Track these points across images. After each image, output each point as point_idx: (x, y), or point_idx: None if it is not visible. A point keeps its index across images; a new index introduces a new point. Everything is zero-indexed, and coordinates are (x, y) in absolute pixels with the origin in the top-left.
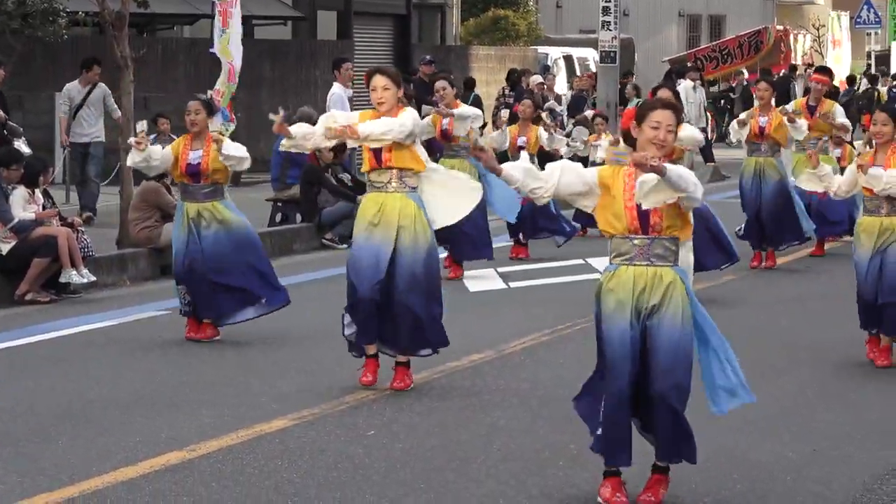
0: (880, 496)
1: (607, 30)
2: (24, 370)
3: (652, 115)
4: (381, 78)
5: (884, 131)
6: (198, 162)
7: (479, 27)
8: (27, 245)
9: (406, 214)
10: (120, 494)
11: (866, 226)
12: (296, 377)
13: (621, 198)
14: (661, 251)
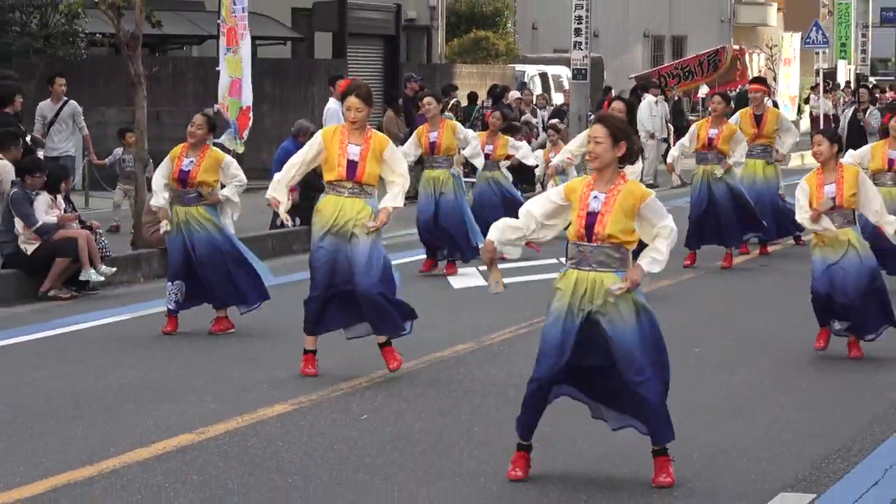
0: (827, 474)
1: (579, 49)
2: (47, 360)
3: (589, 130)
4: (354, 100)
5: (822, 150)
6: (189, 169)
7: (462, 47)
8: (50, 246)
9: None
10: (135, 473)
11: (819, 238)
12: (294, 366)
13: (577, 207)
14: (604, 258)
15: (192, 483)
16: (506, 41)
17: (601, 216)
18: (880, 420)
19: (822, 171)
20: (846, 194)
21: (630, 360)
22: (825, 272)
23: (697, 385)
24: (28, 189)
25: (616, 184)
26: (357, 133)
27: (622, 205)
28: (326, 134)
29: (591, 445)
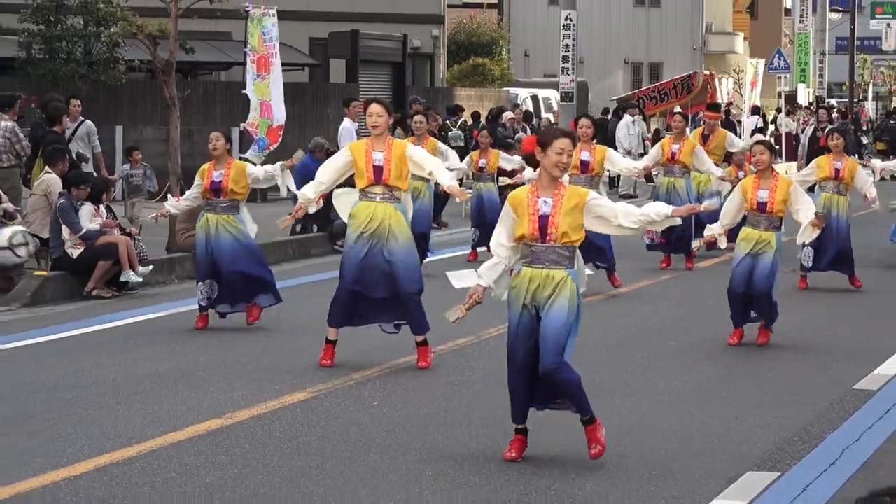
0: (790, 454)
1: (566, 74)
2: (91, 352)
3: (556, 142)
4: (376, 106)
5: (763, 159)
6: (219, 180)
7: (462, 72)
8: (93, 250)
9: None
10: (170, 454)
11: (746, 235)
12: (311, 358)
13: (526, 211)
14: (555, 257)
15: (221, 462)
16: (501, 67)
17: (552, 217)
18: (837, 406)
19: (760, 177)
20: (777, 200)
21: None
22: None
23: (673, 375)
24: (74, 200)
25: (559, 188)
26: (380, 141)
27: (568, 205)
28: (353, 147)
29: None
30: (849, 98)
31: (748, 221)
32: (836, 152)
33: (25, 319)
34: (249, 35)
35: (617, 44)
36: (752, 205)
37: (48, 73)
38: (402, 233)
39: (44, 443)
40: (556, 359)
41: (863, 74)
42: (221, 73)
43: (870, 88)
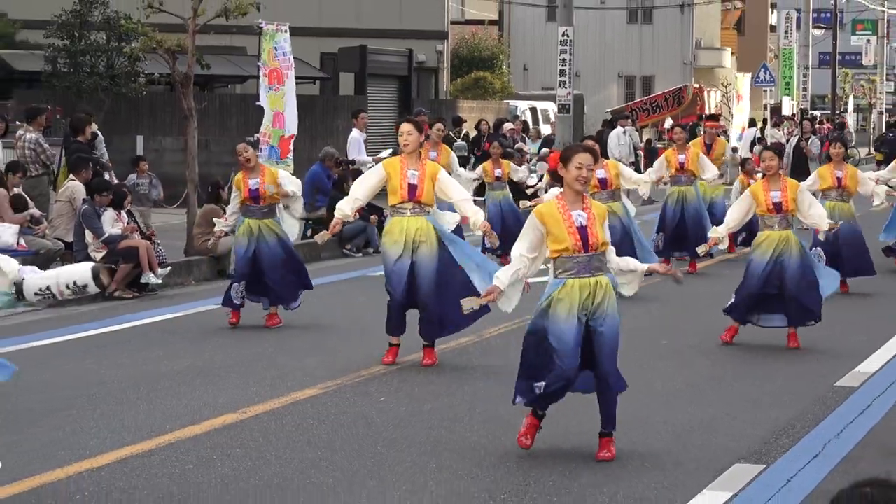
0: (775, 447)
1: (563, 87)
2: (112, 350)
3: (576, 157)
4: (406, 125)
5: (771, 165)
6: (256, 188)
7: (464, 85)
8: (115, 253)
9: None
10: (188, 447)
11: (766, 238)
12: (321, 356)
13: (563, 224)
14: (598, 264)
15: (236, 455)
16: (501, 80)
17: (590, 228)
18: (820, 402)
19: (769, 181)
20: (789, 199)
21: (612, 353)
22: (768, 272)
23: (664, 372)
24: (97, 206)
25: (585, 200)
26: (412, 159)
27: (598, 215)
28: (388, 164)
29: (577, 423)
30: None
31: (764, 225)
32: (836, 161)
33: (50, 319)
34: (262, 50)
35: (611, 58)
36: (768, 206)
37: (73, 85)
38: (431, 246)
39: (68, 436)
40: (614, 366)
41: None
42: (236, 86)
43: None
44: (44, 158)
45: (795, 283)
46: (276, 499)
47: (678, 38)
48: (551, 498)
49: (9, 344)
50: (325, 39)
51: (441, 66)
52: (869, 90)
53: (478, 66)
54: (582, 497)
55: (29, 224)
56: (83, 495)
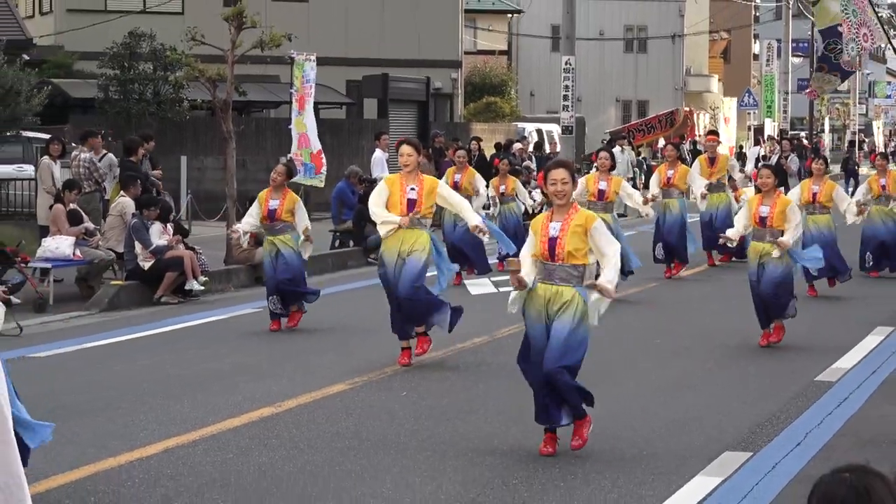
0: (761, 437)
1: (566, 110)
2: (160, 350)
3: (550, 174)
4: (406, 147)
5: (767, 182)
6: (275, 208)
7: (477, 109)
8: (162, 263)
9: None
10: (228, 438)
11: (752, 248)
12: (348, 355)
13: (539, 234)
14: (564, 275)
15: (272, 444)
16: (510, 105)
17: (559, 239)
18: (801, 395)
19: (763, 196)
20: (775, 214)
21: (559, 355)
22: (755, 277)
23: (657, 368)
24: (145, 219)
25: (570, 213)
26: (412, 177)
27: (574, 226)
28: (389, 181)
29: None
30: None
31: (753, 236)
32: (816, 176)
33: (103, 322)
34: (294, 78)
35: (609, 84)
36: (755, 219)
37: (123, 111)
38: (419, 249)
39: (120, 428)
40: (558, 363)
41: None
42: (271, 111)
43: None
44: (96, 176)
45: (766, 284)
46: (308, 484)
47: (670, 65)
48: (558, 483)
49: (67, 345)
50: (351, 68)
51: (455, 92)
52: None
53: (489, 92)
54: (586, 481)
55: (84, 236)
56: (133, 482)
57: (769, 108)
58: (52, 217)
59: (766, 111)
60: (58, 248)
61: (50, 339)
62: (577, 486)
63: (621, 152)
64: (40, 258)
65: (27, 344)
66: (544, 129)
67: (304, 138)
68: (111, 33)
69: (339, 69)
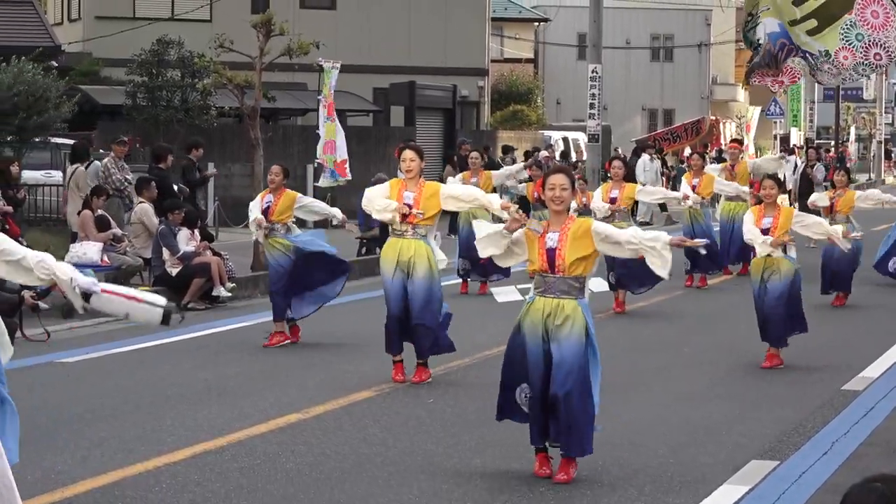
0: (788, 445)
1: (592, 119)
2: (187, 355)
3: (549, 179)
4: (409, 152)
5: (771, 193)
6: (267, 206)
7: (503, 117)
8: (189, 269)
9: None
10: (256, 444)
11: (755, 263)
12: (375, 361)
13: (536, 245)
14: (566, 287)
15: (299, 451)
16: (536, 113)
17: (559, 250)
18: (828, 404)
19: (765, 207)
20: (779, 227)
21: (567, 375)
22: (759, 292)
23: (686, 376)
24: (172, 225)
25: (566, 223)
26: (412, 182)
27: (574, 236)
28: (391, 184)
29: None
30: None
31: (756, 251)
32: (839, 187)
33: (131, 328)
34: (323, 85)
35: (636, 93)
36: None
37: (151, 118)
38: (423, 266)
39: (147, 433)
40: (567, 386)
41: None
42: (298, 118)
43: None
44: (112, 182)
45: (771, 306)
46: (335, 491)
47: (696, 74)
48: (584, 491)
49: (94, 351)
50: (378, 76)
51: (482, 100)
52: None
53: (515, 100)
54: (613, 488)
55: (111, 242)
56: (161, 487)
57: (795, 117)
58: (80, 223)
59: (792, 120)
60: (85, 253)
61: (77, 345)
62: (603, 494)
63: (650, 160)
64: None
65: (55, 349)
66: (570, 138)
67: (331, 145)
68: (139, 40)
69: (366, 77)
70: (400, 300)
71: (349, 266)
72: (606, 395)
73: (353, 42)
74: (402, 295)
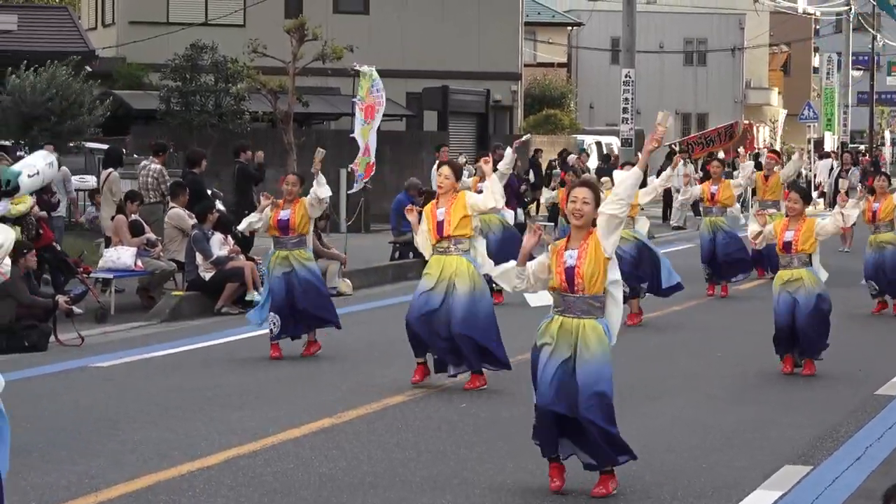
0: (821, 451)
1: (626, 123)
2: (220, 360)
3: (573, 192)
4: (445, 169)
5: (796, 207)
6: (287, 218)
7: (536, 122)
8: (222, 274)
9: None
10: (289, 448)
11: (779, 275)
12: (408, 366)
13: (555, 263)
14: (586, 307)
15: (332, 455)
16: (569, 117)
17: (578, 269)
18: (861, 409)
19: (789, 220)
20: (801, 239)
21: (590, 396)
22: (786, 306)
23: (717, 381)
24: (205, 229)
25: (586, 239)
26: (445, 198)
27: (591, 253)
28: (425, 211)
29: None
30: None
31: (780, 263)
32: (879, 193)
33: (165, 332)
34: (360, 87)
35: (669, 97)
36: (780, 244)
37: (184, 122)
38: (463, 283)
39: (180, 437)
40: (591, 406)
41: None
42: (331, 123)
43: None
44: (163, 188)
45: (804, 318)
46: (368, 495)
47: (730, 78)
48: (618, 496)
49: (128, 355)
50: (411, 80)
51: (515, 105)
52: None
53: (548, 105)
54: (646, 493)
55: (145, 247)
56: (194, 492)
57: (829, 121)
58: (114, 228)
59: (826, 124)
60: (119, 258)
61: (111, 349)
62: (637, 499)
63: (683, 165)
64: (102, 268)
65: (89, 354)
66: (604, 142)
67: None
68: (173, 45)
69: (399, 81)
70: (422, 315)
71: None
72: (638, 400)
73: (386, 46)
74: (433, 311)
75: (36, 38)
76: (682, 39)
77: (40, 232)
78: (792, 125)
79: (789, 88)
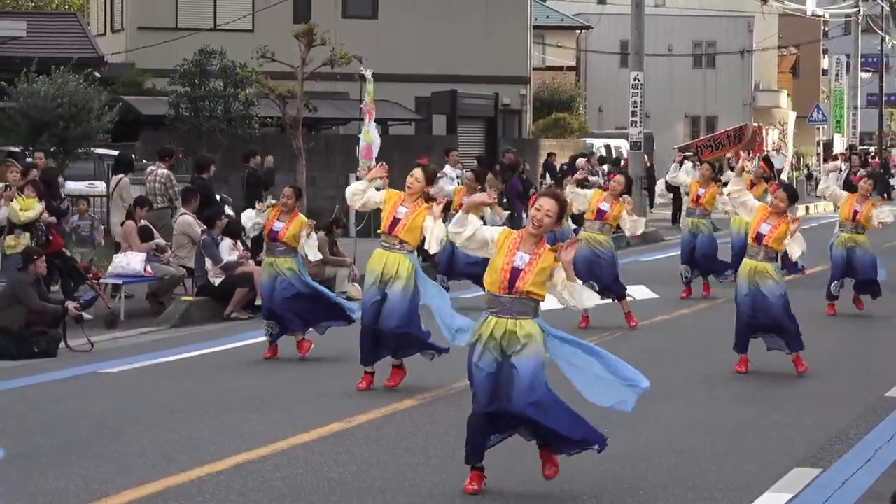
0: (830, 453)
1: (635, 126)
2: (230, 365)
3: (539, 200)
4: (418, 171)
5: (780, 206)
6: (279, 230)
7: (545, 125)
8: (232, 279)
9: None
10: (298, 453)
11: (743, 266)
12: (417, 371)
13: (502, 256)
14: (522, 307)
15: (342, 460)
16: (578, 120)
17: (523, 274)
18: (871, 411)
19: (769, 215)
20: (774, 236)
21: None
22: (746, 297)
23: (725, 383)
24: (214, 235)
25: (539, 247)
26: (410, 199)
27: (541, 266)
28: (389, 194)
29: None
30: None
31: (747, 253)
32: (862, 194)
33: (175, 338)
34: (365, 92)
35: (678, 100)
36: (752, 235)
37: (193, 128)
38: (400, 279)
39: (190, 442)
40: (530, 402)
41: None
42: (340, 128)
43: None
44: (171, 193)
45: (779, 311)
46: (377, 500)
47: (739, 81)
48: (626, 499)
49: (138, 361)
50: (420, 84)
51: (524, 108)
52: None
53: (557, 108)
54: (655, 496)
55: (154, 252)
56: (203, 497)
57: (838, 123)
58: (123, 233)
59: (835, 126)
60: (129, 263)
61: (121, 355)
62: (645, 502)
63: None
64: (111, 274)
65: (98, 359)
66: (613, 145)
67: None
68: (182, 50)
69: (407, 85)
70: (371, 311)
71: (350, 319)
72: (646, 401)
73: (394, 51)
74: (374, 308)
75: (45, 45)
76: (690, 42)
77: (50, 238)
78: (801, 127)
79: (798, 90)
